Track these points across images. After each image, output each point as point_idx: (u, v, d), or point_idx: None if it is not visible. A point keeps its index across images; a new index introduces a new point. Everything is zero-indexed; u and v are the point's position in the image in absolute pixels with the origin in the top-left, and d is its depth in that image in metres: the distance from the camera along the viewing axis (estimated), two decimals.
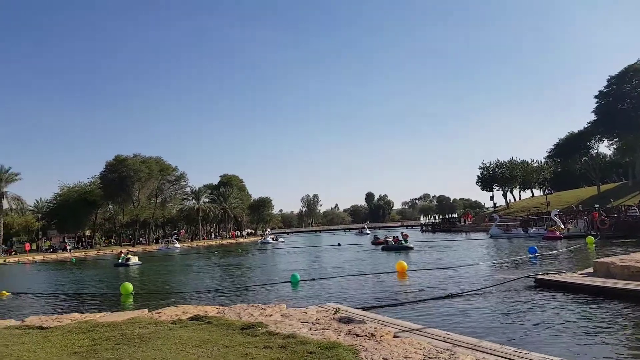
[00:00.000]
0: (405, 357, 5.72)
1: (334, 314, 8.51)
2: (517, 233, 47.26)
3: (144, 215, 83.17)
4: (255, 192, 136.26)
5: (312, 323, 7.76)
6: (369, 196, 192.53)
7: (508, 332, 9.00)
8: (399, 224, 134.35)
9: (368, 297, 13.82)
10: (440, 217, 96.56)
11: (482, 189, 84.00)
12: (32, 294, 21.29)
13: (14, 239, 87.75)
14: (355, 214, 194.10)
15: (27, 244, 73.90)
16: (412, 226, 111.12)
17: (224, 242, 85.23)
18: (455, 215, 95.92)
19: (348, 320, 7.89)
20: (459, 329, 8.79)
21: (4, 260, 53.44)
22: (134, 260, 37.28)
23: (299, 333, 6.86)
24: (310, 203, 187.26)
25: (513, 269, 19.74)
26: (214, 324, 7.59)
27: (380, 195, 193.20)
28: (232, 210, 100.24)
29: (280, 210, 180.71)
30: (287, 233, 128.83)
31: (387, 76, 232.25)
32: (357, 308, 10.28)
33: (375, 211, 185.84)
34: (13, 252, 65.99)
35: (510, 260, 23.42)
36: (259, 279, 21.75)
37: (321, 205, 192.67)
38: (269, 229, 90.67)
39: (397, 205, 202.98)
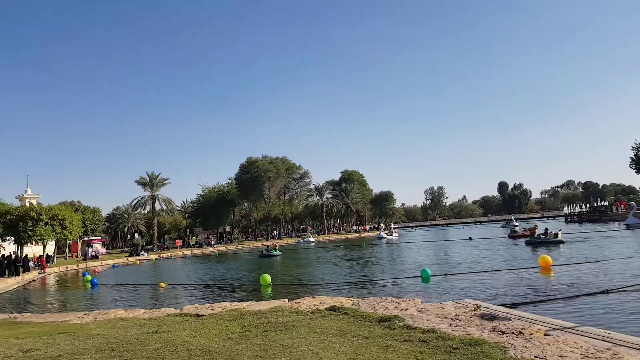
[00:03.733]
0: (561, 357, 5.22)
1: (474, 310, 8.10)
2: None
3: (274, 211, 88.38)
4: (376, 186, 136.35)
5: (452, 319, 7.48)
6: (502, 185, 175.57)
7: None
8: (539, 214, 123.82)
9: (509, 294, 12.96)
10: (588, 205, 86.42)
11: (638, 172, 73.94)
12: (185, 284, 23.79)
13: (166, 236, 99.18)
14: (486, 205, 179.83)
15: (178, 241, 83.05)
16: (554, 217, 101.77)
17: (348, 236, 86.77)
18: (606, 203, 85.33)
19: (491, 317, 7.45)
20: (619, 328, 7.79)
21: (159, 256, 60.55)
22: (276, 252, 41.60)
23: (439, 328, 6.65)
24: (435, 195, 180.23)
25: None
26: (350, 315, 7.70)
27: (514, 184, 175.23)
28: (354, 205, 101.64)
29: (403, 204, 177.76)
30: (411, 227, 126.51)
31: (509, 63, 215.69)
32: (499, 305, 9.68)
33: (509, 202, 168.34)
34: (166, 248, 74.48)
35: None
36: (388, 273, 21.71)
37: (447, 197, 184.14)
38: (382, 224, 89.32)
39: (536, 195, 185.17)
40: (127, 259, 56.24)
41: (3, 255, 38.37)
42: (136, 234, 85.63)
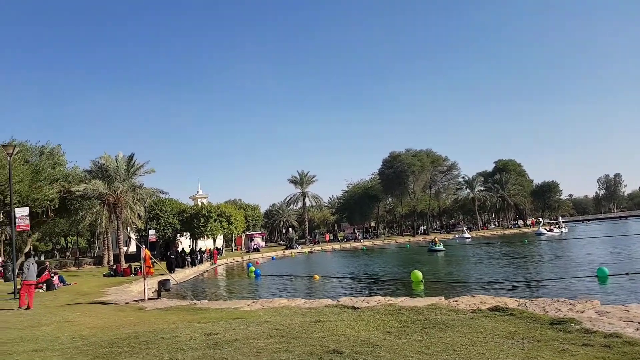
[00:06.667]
0: None
1: None
2: None
3: (420, 206, 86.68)
4: (538, 176, 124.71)
5: (639, 323, 6.50)
6: None
7: None
8: None
9: None
10: None
11: None
12: (337, 277, 24.68)
13: (316, 230, 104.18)
14: None
15: (327, 235, 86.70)
16: None
17: (506, 232, 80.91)
18: None
19: None
20: None
21: (311, 249, 63.80)
22: (438, 247, 40.60)
23: (624, 333, 5.84)
24: (611, 184, 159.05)
25: None
26: (517, 317, 7.16)
27: None
28: (512, 197, 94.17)
29: (571, 195, 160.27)
30: (582, 221, 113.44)
31: None
32: None
33: None
34: (316, 242, 78.26)
35: None
36: (556, 272, 19.91)
37: (625, 185, 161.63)
38: (541, 219, 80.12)
39: None
40: (284, 252, 60.38)
41: (183, 249, 44.17)
42: (290, 229, 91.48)
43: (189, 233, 57.40)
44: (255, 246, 65.52)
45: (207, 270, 38.01)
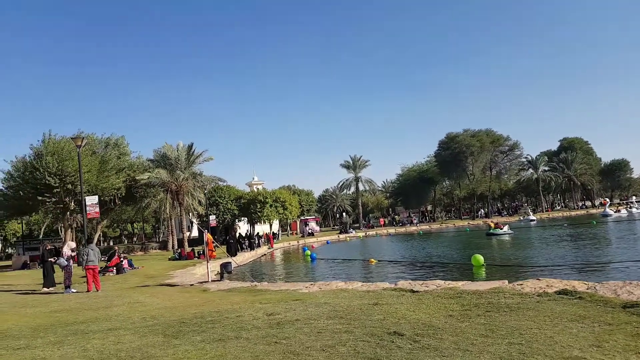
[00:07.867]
0: None
1: None
2: None
3: (480, 188, 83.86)
4: (606, 154, 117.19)
5: None
6: None
7: None
8: None
9: None
10: None
11: None
12: (393, 261, 24.53)
13: (370, 215, 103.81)
14: None
15: (382, 219, 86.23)
16: None
17: (572, 213, 77.06)
18: None
19: None
20: None
21: (365, 234, 63.73)
22: (505, 229, 38.58)
23: None
24: None
25: None
26: (586, 300, 6.83)
27: None
28: (578, 177, 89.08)
29: None
30: None
31: None
32: None
33: None
34: (371, 227, 78.02)
35: None
36: (626, 254, 18.75)
37: None
38: (607, 199, 74.86)
39: None
40: (338, 236, 60.73)
41: (240, 234, 45.45)
42: (344, 213, 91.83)
43: (246, 218, 58.97)
44: (310, 230, 66.37)
45: (264, 254, 38.97)
